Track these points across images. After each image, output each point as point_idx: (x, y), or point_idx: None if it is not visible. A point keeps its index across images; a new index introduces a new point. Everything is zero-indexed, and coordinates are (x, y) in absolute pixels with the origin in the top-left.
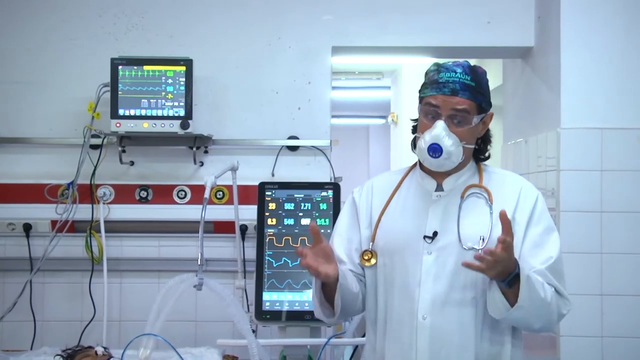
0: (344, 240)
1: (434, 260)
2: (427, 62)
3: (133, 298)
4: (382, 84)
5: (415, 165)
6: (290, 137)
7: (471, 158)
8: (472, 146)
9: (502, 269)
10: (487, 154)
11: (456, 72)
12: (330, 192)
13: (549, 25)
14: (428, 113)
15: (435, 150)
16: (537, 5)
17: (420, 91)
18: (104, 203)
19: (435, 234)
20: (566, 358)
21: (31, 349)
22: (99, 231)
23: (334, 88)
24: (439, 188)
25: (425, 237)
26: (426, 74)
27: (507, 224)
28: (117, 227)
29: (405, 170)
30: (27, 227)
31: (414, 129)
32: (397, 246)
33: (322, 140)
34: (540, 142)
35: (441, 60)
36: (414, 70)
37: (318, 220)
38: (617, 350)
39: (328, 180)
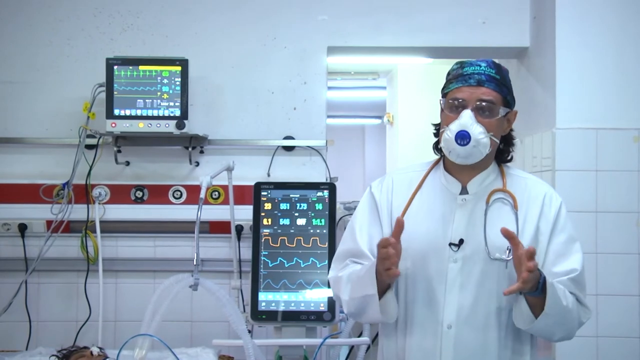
0: (364, 236)
1: (459, 269)
2: (423, 62)
3: (128, 298)
4: (377, 84)
5: (437, 163)
6: (286, 137)
7: (494, 158)
8: (498, 140)
9: (535, 281)
10: (509, 157)
11: (480, 66)
12: (326, 192)
13: (544, 26)
14: (453, 106)
15: (463, 137)
16: (532, 5)
17: (443, 89)
18: (99, 203)
19: (461, 241)
20: (561, 358)
21: (26, 349)
22: (94, 231)
23: (329, 88)
24: (464, 191)
25: (451, 244)
26: (449, 73)
27: (512, 238)
28: (112, 227)
29: (426, 167)
30: (22, 227)
31: (437, 134)
32: (421, 251)
33: (317, 141)
34: (535, 143)
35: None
36: (409, 71)
37: (313, 220)
38: (612, 350)
39: (324, 181)
